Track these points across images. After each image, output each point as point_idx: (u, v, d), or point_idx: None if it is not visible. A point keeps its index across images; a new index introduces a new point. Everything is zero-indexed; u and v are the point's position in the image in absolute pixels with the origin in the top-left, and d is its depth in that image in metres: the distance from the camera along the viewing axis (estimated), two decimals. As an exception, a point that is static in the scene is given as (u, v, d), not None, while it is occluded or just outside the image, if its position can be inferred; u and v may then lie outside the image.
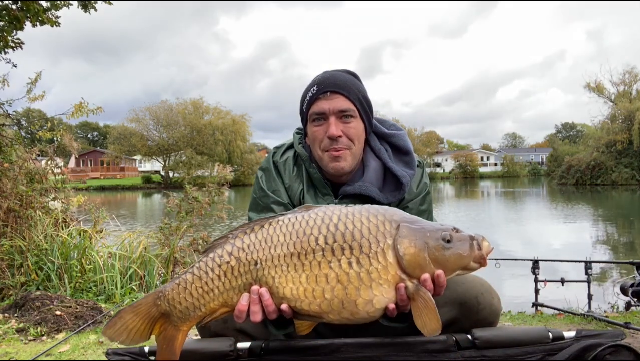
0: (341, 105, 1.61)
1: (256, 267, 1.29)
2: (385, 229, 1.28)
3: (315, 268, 1.26)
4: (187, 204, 6.03)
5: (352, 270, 1.25)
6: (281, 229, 1.30)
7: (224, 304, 1.32)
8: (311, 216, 1.32)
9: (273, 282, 1.28)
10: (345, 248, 1.26)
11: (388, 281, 1.25)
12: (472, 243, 1.27)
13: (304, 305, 1.27)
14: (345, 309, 1.26)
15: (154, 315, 1.31)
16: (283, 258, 1.28)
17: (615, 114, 45.56)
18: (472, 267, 1.29)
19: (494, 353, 1.37)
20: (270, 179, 1.73)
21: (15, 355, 3.17)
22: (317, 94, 1.62)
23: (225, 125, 55.15)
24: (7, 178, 5.36)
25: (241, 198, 25.98)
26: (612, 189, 37.63)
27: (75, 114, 6.33)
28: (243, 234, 1.33)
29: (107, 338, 1.29)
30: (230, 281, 1.30)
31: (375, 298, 1.25)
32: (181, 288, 1.31)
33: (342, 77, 1.66)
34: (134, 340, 1.28)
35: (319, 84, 1.63)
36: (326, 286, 1.25)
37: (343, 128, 1.61)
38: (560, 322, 3.83)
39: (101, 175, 62.58)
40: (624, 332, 1.44)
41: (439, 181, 65.38)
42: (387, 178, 1.69)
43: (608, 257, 9.48)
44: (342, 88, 1.62)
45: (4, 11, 5.47)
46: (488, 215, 19.90)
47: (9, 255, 4.87)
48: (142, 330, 1.29)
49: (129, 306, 1.31)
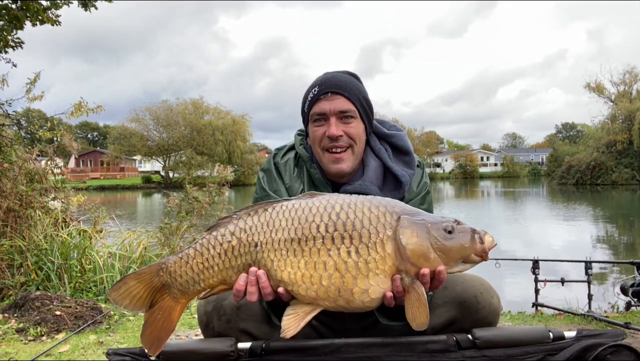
0: (342, 105, 1.62)
1: (256, 249, 1.33)
2: (386, 220, 1.30)
3: (315, 255, 1.28)
4: (187, 204, 6.04)
5: (350, 259, 1.27)
6: (283, 214, 1.33)
7: (222, 281, 1.36)
8: (314, 203, 1.34)
9: (271, 265, 1.31)
10: (345, 237, 1.28)
11: (385, 272, 1.27)
12: (474, 236, 1.29)
13: (300, 290, 1.30)
14: (341, 297, 1.28)
15: (155, 284, 1.37)
16: (283, 242, 1.31)
17: (615, 114, 45.58)
18: (473, 260, 1.30)
19: (495, 352, 1.37)
20: (272, 179, 1.74)
21: (15, 355, 3.17)
22: (319, 95, 1.63)
23: (225, 125, 55.16)
24: (7, 178, 5.36)
25: (241, 198, 25.97)
26: (612, 189, 37.64)
27: (75, 114, 6.33)
28: (246, 215, 1.37)
29: (112, 301, 1.38)
30: (230, 260, 1.34)
31: (371, 288, 1.27)
32: (183, 261, 1.36)
33: (344, 78, 1.67)
34: (136, 306, 1.36)
35: (320, 85, 1.64)
36: (324, 273, 1.27)
37: (344, 128, 1.63)
38: (560, 322, 3.83)
39: (101, 175, 62.57)
40: (625, 332, 1.43)
41: (439, 181, 65.38)
42: (387, 178, 1.70)
43: (608, 257, 9.47)
44: (343, 89, 1.63)
45: (3, 11, 5.47)
46: (488, 215, 19.91)
47: (9, 255, 4.87)
48: (144, 297, 1.36)
49: (133, 273, 1.37)
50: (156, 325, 1.34)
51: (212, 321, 1.59)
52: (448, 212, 20.44)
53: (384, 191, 1.66)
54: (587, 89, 48.15)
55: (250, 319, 1.58)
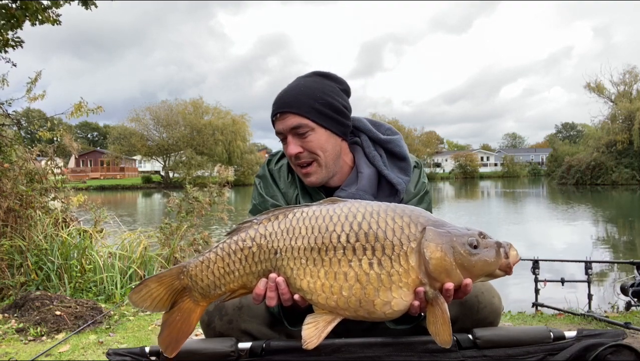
0: (292, 122, 1.59)
1: (276, 256, 1.31)
2: (410, 232, 1.26)
3: (335, 265, 1.26)
4: (188, 204, 6.04)
5: (372, 271, 1.24)
6: (304, 222, 1.31)
7: (243, 286, 1.36)
8: (335, 211, 1.31)
9: (291, 273, 1.30)
10: (367, 248, 1.25)
11: (408, 285, 1.24)
12: (499, 251, 1.25)
13: (320, 299, 1.28)
14: (362, 308, 1.26)
15: (176, 287, 1.37)
16: (303, 250, 1.29)
17: (615, 114, 45.57)
18: (497, 275, 1.27)
19: (495, 352, 1.36)
20: (268, 185, 1.76)
21: (15, 355, 3.17)
22: (273, 116, 1.64)
23: (225, 125, 55.16)
24: (7, 178, 5.36)
25: (241, 198, 25.97)
26: (612, 189, 37.63)
27: (75, 114, 6.33)
28: (267, 221, 1.35)
29: (132, 303, 1.38)
30: (250, 266, 1.33)
31: (394, 301, 1.24)
32: (204, 266, 1.36)
33: (294, 92, 1.62)
34: (156, 308, 1.36)
35: (274, 105, 1.64)
36: (344, 284, 1.25)
37: (302, 144, 1.60)
38: (560, 322, 3.83)
39: (101, 175, 62.56)
40: (625, 332, 1.43)
41: (439, 181, 65.37)
42: (382, 185, 1.68)
43: (608, 257, 9.47)
44: (290, 105, 1.59)
45: (3, 10, 5.47)
46: (488, 215, 19.89)
47: (9, 255, 4.87)
48: (164, 300, 1.36)
49: (154, 276, 1.37)
50: (175, 326, 1.35)
51: (214, 321, 1.59)
52: (448, 212, 20.44)
53: (379, 198, 1.64)
54: (587, 89, 48.21)
55: (252, 320, 1.59)
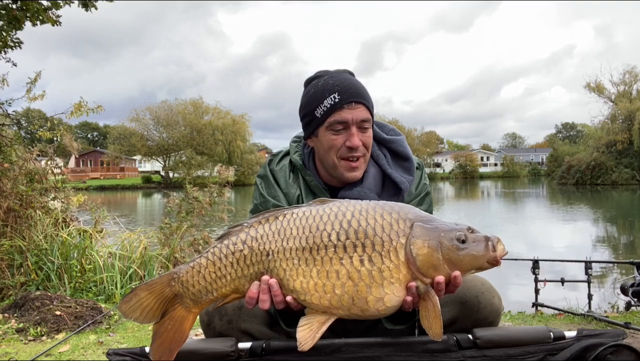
0: (363, 115, 1.60)
1: (268, 258, 1.31)
2: (399, 227, 1.27)
3: (327, 264, 1.27)
4: (188, 204, 6.03)
5: (364, 268, 1.25)
6: (294, 223, 1.32)
7: (235, 290, 1.35)
8: (325, 210, 1.32)
9: (284, 274, 1.30)
10: (357, 246, 1.26)
11: (400, 280, 1.25)
12: (487, 244, 1.27)
13: (313, 299, 1.28)
14: (355, 305, 1.26)
15: (167, 294, 1.35)
16: (294, 251, 1.29)
17: (615, 114, 45.58)
18: (485, 267, 1.30)
19: (495, 352, 1.37)
20: (269, 185, 1.75)
21: (15, 355, 3.17)
22: (341, 103, 1.57)
23: (225, 125, 55.15)
24: (7, 178, 5.36)
25: (241, 199, 25.94)
26: (612, 189, 37.62)
27: (75, 114, 6.33)
28: (258, 224, 1.36)
29: (122, 313, 1.34)
30: (242, 270, 1.33)
31: (386, 297, 1.25)
32: (195, 271, 1.34)
33: (361, 85, 1.64)
34: (147, 318, 1.32)
35: (342, 93, 1.58)
36: (337, 282, 1.26)
37: (361, 138, 1.60)
38: (560, 322, 3.83)
39: (101, 175, 62.54)
40: (625, 332, 1.43)
41: (439, 181, 65.35)
42: (386, 184, 1.69)
43: (608, 257, 9.46)
44: (364, 98, 1.60)
45: (3, 11, 5.47)
46: (488, 215, 19.88)
47: (9, 255, 4.87)
48: (155, 309, 1.33)
49: (144, 284, 1.34)
50: (167, 336, 1.32)
51: (214, 321, 1.59)
52: (448, 212, 20.43)
53: (383, 197, 1.65)
54: (587, 89, 48.20)
55: (252, 320, 1.58)
